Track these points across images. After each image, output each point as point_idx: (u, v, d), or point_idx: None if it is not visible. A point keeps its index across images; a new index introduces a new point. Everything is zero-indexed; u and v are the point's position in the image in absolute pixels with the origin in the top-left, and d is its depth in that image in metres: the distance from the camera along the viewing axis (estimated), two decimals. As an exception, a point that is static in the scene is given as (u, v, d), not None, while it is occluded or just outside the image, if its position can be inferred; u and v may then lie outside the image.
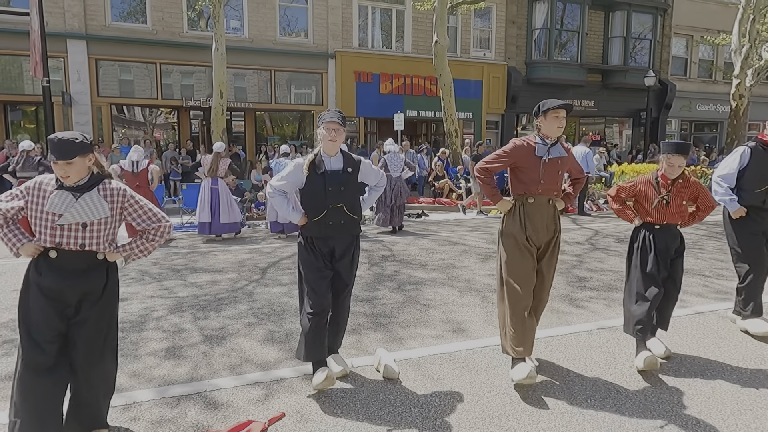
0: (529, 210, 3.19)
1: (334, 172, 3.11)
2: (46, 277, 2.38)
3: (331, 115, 3.13)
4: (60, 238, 2.36)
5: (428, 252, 7.27)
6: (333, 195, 3.08)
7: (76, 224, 2.37)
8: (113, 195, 2.46)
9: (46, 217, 2.35)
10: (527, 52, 19.54)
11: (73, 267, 2.40)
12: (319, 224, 3.08)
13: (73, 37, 14.32)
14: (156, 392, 3.04)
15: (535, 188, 3.17)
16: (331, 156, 3.15)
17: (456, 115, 14.98)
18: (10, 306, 4.72)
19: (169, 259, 6.77)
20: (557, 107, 3.17)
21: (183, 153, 15.00)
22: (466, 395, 3.00)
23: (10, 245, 2.42)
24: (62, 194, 2.36)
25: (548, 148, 3.20)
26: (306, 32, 17.02)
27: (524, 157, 3.20)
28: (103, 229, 2.43)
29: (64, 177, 2.37)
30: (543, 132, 3.23)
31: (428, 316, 4.46)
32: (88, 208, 2.38)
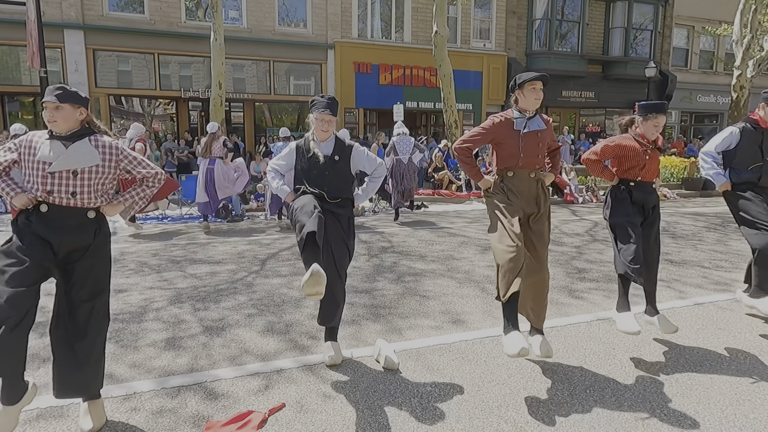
0: (510, 183, 3.18)
1: (323, 156, 3.21)
2: (38, 227, 2.39)
3: (324, 105, 3.18)
4: (51, 186, 2.38)
5: (427, 243, 7.27)
6: (317, 178, 3.19)
7: (66, 172, 2.39)
8: (105, 147, 2.51)
9: (38, 166, 2.39)
10: (527, 43, 19.44)
11: (63, 222, 2.42)
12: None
13: (70, 27, 14.21)
14: (156, 383, 3.04)
15: (515, 162, 3.15)
16: (322, 141, 3.25)
17: (456, 106, 14.90)
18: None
19: (168, 251, 6.77)
20: (533, 78, 3.16)
21: (182, 144, 14.95)
22: (465, 386, 3.00)
23: (4, 193, 2.46)
24: (53, 143, 2.41)
25: (526, 120, 3.18)
26: (305, 22, 16.90)
27: (503, 132, 3.18)
28: (94, 179, 2.46)
29: (51, 121, 2.40)
30: (521, 105, 3.22)
31: (427, 307, 4.46)
32: (78, 155, 2.41)
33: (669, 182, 14.45)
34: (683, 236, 7.90)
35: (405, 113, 14.87)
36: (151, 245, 7.12)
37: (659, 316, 3.59)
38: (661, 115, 3.51)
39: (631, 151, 3.54)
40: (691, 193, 14.21)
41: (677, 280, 5.33)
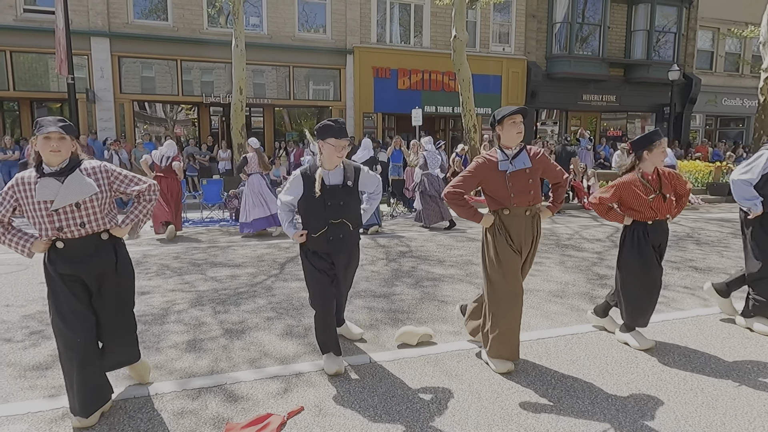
0: (506, 221, 3.14)
1: (333, 187, 3.09)
2: (60, 265, 2.49)
3: (342, 131, 3.07)
4: (59, 222, 2.43)
5: (446, 248, 7.24)
6: (333, 210, 3.08)
7: (69, 206, 2.43)
8: (96, 172, 2.56)
9: (40, 206, 2.42)
10: (547, 47, 19.28)
11: (82, 252, 2.50)
12: (320, 239, 3.11)
13: (96, 34, 14.58)
14: (177, 384, 3.08)
15: (507, 202, 3.11)
16: (331, 170, 3.12)
17: (475, 110, 14.84)
18: (37, 298, 4.83)
19: (190, 254, 6.87)
20: (512, 113, 3.07)
21: (203, 149, 15.18)
22: (484, 392, 2.98)
23: (19, 249, 2.50)
24: (47, 181, 2.43)
25: (510, 159, 3.11)
26: (324, 28, 17.04)
27: (489, 173, 3.12)
28: (98, 206, 2.52)
29: (54, 151, 2.42)
30: (502, 142, 3.15)
31: (446, 312, 4.44)
32: (75, 188, 2.45)
33: (693, 187, 14.15)
34: (708, 243, 7.73)
35: (423, 118, 14.87)
36: (172, 248, 7.24)
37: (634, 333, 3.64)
38: (664, 140, 3.42)
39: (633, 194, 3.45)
40: (717, 198, 13.90)
41: (702, 288, 5.21)
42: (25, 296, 4.91)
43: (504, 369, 3.20)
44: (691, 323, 4.16)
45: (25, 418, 2.69)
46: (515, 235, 3.13)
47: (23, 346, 3.68)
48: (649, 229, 3.48)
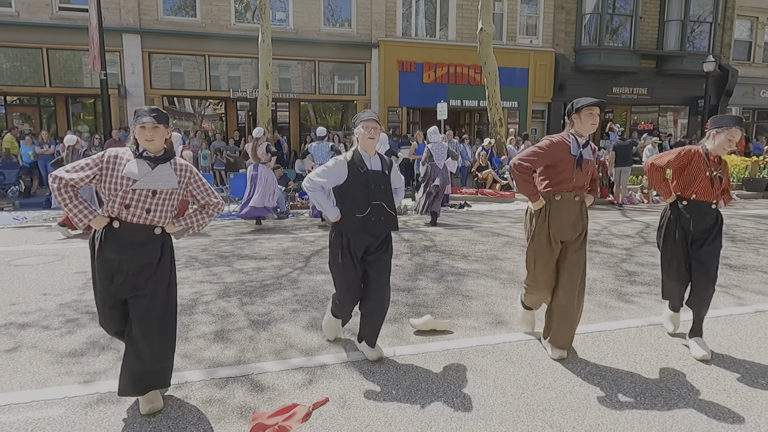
0: (556, 208, 3.19)
1: (375, 172, 3.27)
2: (107, 248, 2.56)
3: (369, 114, 3.29)
4: (130, 201, 2.52)
5: (470, 243, 7.19)
6: (375, 192, 3.23)
7: (146, 191, 2.55)
8: (182, 170, 2.69)
9: (120, 182, 2.51)
10: (576, 39, 18.88)
11: (132, 239, 2.57)
12: (364, 220, 3.21)
13: (128, 31, 14.91)
14: (205, 373, 3.15)
15: (566, 186, 3.16)
16: (371, 156, 3.31)
17: (501, 104, 14.68)
18: (72, 287, 5.00)
19: (217, 246, 6.99)
20: (592, 104, 3.13)
21: (230, 143, 15.40)
22: (509, 388, 2.96)
23: (80, 216, 2.52)
24: (139, 162, 2.56)
25: (580, 148, 3.19)
26: (350, 22, 17.05)
27: (560, 154, 3.16)
28: (168, 200, 2.63)
29: (149, 140, 2.54)
30: (576, 129, 3.22)
31: (470, 307, 4.41)
32: (161, 177, 2.58)
33: (728, 182, 13.68)
34: (744, 240, 7.48)
35: (448, 111, 14.75)
36: (200, 241, 7.38)
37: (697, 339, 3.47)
38: (735, 128, 3.29)
39: (695, 164, 3.37)
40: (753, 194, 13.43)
41: (737, 286, 5.05)
42: (61, 285, 5.08)
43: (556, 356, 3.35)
44: (724, 322, 4.04)
45: (62, 402, 2.79)
46: (562, 223, 3.20)
47: (59, 333, 3.81)
48: (690, 209, 3.39)
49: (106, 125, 12.78)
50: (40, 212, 10.67)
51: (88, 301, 4.56)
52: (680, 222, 3.44)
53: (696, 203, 3.39)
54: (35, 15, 14.32)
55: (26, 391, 2.91)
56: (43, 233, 8.11)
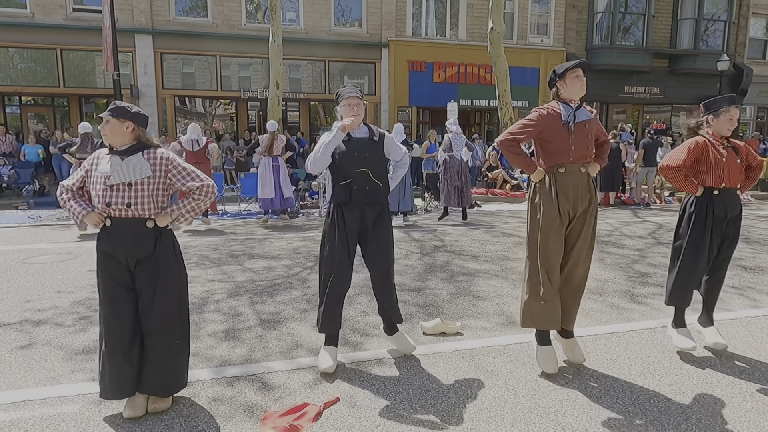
0: (561, 181, 3.00)
1: (359, 139, 3.21)
2: (106, 244, 2.61)
3: (350, 90, 3.23)
4: (109, 198, 2.55)
5: (481, 243, 7.16)
6: (358, 160, 3.17)
7: (123, 184, 2.56)
8: (156, 159, 2.65)
9: (99, 180, 2.59)
10: (588, 38, 18.74)
11: (123, 234, 2.59)
12: (346, 188, 3.16)
13: (140, 32, 15.05)
14: (215, 372, 3.16)
15: (566, 157, 2.98)
16: (355, 128, 3.22)
17: (511, 103, 14.59)
18: (86, 285, 5.05)
19: (228, 245, 7.03)
20: (574, 66, 3.01)
21: (241, 143, 15.47)
22: (520, 389, 2.93)
23: (75, 214, 2.65)
24: (112, 158, 2.60)
25: (573, 111, 3.02)
26: (360, 22, 17.07)
27: (551, 125, 2.99)
28: (147, 190, 2.60)
29: (104, 135, 2.61)
30: (564, 96, 3.06)
31: (480, 307, 4.39)
32: (131, 168, 2.57)
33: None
34: (758, 241, 7.37)
35: (459, 111, 14.71)
36: (211, 240, 7.42)
37: (711, 329, 3.43)
38: (733, 108, 3.28)
39: (710, 152, 3.29)
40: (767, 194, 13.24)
41: (751, 288, 4.98)
42: (74, 283, 5.13)
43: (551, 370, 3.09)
44: (739, 324, 3.98)
45: (76, 399, 2.82)
46: (569, 195, 2.99)
47: (73, 331, 3.85)
48: (715, 200, 3.30)
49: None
50: (53, 211, 10.80)
51: (100, 299, 4.60)
52: (713, 211, 3.30)
53: (725, 191, 3.31)
54: (50, 16, 14.50)
55: (41, 388, 2.94)
56: (57, 232, 8.21)
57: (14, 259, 6.19)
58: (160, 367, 2.65)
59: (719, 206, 3.31)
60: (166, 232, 2.70)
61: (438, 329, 3.77)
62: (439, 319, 3.83)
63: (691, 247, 3.34)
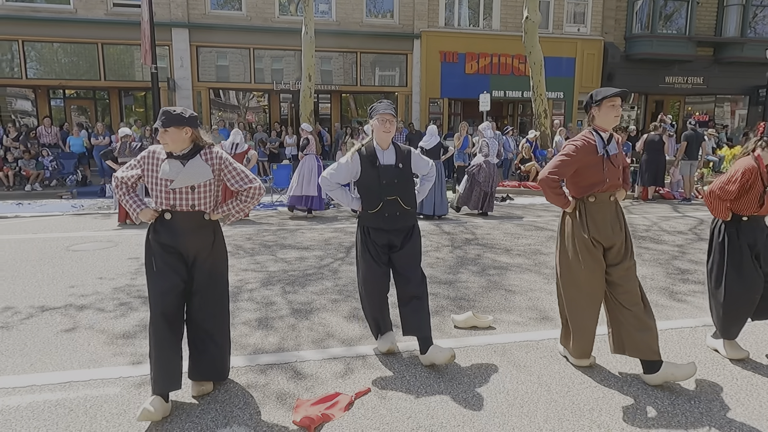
0: (591, 209, 2.94)
1: (387, 167, 3.17)
2: (163, 235, 2.68)
3: (385, 106, 3.20)
4: (174, 200, 2.65)
5: (513, 237, 7.06)
6: (387, 188, 3.15)
7: (186, 188, 2.64)
8: (214, 159, 2.73)
9: (160, 182, 2.65)
10: (627, 26, 18.12)
11: (185, 226, 2.68)
12: (376, 216, 3.16)
13: (177, 26, 15.35)
14: (248, 359, 3.23)
15: (600, 188, 2.92)
16: (384, 149, 3.21)
17: (546, 94, 14.29)
18: (125, 272, 5.22)
19: (261, 236, 7.14)
20: (613, 95, 2.88)
21: (272, 135, 15.65)
22: (554, 386, 2.88)
23: (131, 210, 2.76)
24: (171, 162, 2.65)
25: (605, 143, 2.95)
26: (392, 13, 16.96)
27: (588, 157, 2.92)
28: (209, 191, 2.71)
29: (163, 143, 2.66)
30: (597, 124, 2.96)
31: (512, 302, 4.33)
32: (194, 173, 2.65)
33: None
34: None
35: (491, 103, 14.49)
36: (244, 230, 7.56)
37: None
38: None
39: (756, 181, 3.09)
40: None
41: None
42: (115, 270, 5.31)
43: (585, 363, 3.09)
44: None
45: (117, 382, 2.92)
46: (601, 225, 2.94)
47: (114, 316, 3.99)
48: (744, 226, 3.15)
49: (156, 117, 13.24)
50: (95, 200, 11.20)
51: (139, 285, 4.75)
52: (744, 239, 3.16)
53: (755, 218, 3.17)
54: (91, 11, 14.95)
55: (84, 370, 3.06)
56: (99, 220, 8.50)
57: (59, 246, 6.44)
58: (218, 354, 2.76)
59: (748, 233, 3.15)
60: (218, 225, 2.82)
61: (469, 323, 3.74)
62: (470, 313, 3.80)
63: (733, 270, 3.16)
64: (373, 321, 3.30)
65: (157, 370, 2.56)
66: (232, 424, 2.51)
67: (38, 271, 5.28)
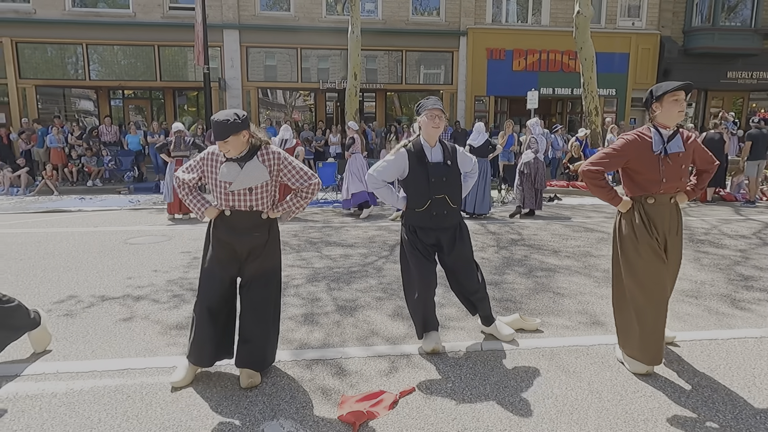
0: (650, 211, 2.80)
1: (436, 164, 3.16)
2: (221, 231, 2.82)
3: (433, 102, 3.18)
4: (233, 201, 2.77)
5: (561, 238, 6.87)
6: (436, 186, 3.14)
7: (244, 189, 2.74)
8: (271, 159, 2.79)
9: (220, 184, 2.76)
10: (686, 19, 17.28)
11: (242, 225, 2.80)
12: (423, 214, 3.18)
13: (228, 27, 15.82)
14: (294, 354, 3.28)
15: (656, 188, 2.77)
16: (432, 146, 3.20)
17: (597, 91, 13.82)
18: (179, 266, 5.42)
19: (306, 233, 7.25)
20: (675, 89, 2.71)
21: (318, 134, 15.88)
22: (605, 393, 2.78)
23: (196, 209, 2.90)
24: (230, 165, 2.75)
25: (666, 140, 2.77)
26: (438, 10, 16.85)
27: (639, 154, 2.78)
28: (266, 191, 2.80)
29: (225, 152, 2.74)
30: (659, 121, 2.81)
31: (561, 305, 4.21)
32: (251, 175, 2.73)
33: None
34: None
35: (539, 100, 14.15)
36: (291, 226, 7.69)
37: None
38: None
39: None
40: None
41: None
42: (169, 263, 5.53)
43: (642, 370, 2.96)
44: None
45: (170, 371, 3.03)
46: (657, 226, 2.82)
47: (168, 307, 4.15)
48: None
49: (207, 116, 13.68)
50: (150, 196, 11.70)
51: (191, 279, 4.92)
52: None
53: None
54: (149, 15, 15.62)
55: (141, 358, 3.19)
56: (153, 215, 8.88)
57: (117, 240, 6.77)
58: (260, 347, 2.86)
59: None
60: (274, 221, 2.92)
61: (516, 325, 3.66)
62: (517, 315, 3.72)
63: None
64: (422, 319, 3.27)
65: (191, 347, 2.85)
66: (279, 417, 2.55)
67: (99, 263, 5.56)
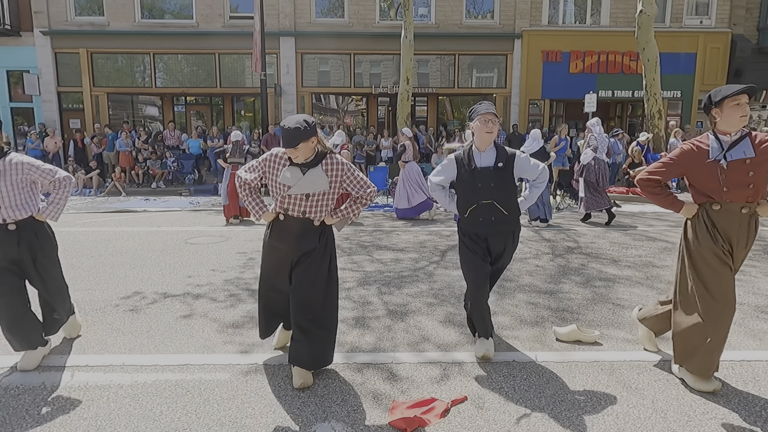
0: (715, 217, 2.67)
1: (483, 169, 3.13)
2: (274, 237, 2.92)
3: (486, 107, 3.15)
4: (287, 205, 2.83)
5: (621, 246, 6.57)
6: (482, 191, 3.11)
7: (301, 195, 2.79)
8: (334, 168, 2.84)
9: (279, 186, 2.82)
10: (761, 16, 16.19)
11: (293, 230, 2.87)
12: (470, 219, 3.18)
13: (284, 34, 16.26)
14: (345, 357, 3.30)
15: (718, 196, 2.63)
16: (482, 151, 3.16)
17: (661, 93, 13.18)
18: (235, 266, 5.60)
19: (358, 236, 7.31)
20: (736, 93, 2.54)
21: (370, 138, 16.01)
22: (671, 413, 2.62)
23: (254, 211, 2.99)
24: (292, 169, 2.80)
25: (726, 147, 2.60)
26: (492, 13, 16.62)
27: (695, 163, 2.66)
28: (323, 200, 2.84)
29: (294, 158, 2.79)
30: (720, 128, 2.65)
31: (622, 317, 4.02)
32: (312, 181, 2.78)
33: None
34: None
35: (597, 103, 13.65)
36: (343, 230, 7.78)
37: None
38: None
39: None
40: None
41: None
42: (226, 263, 5.72)
43: (709, 388, 2.78)
44: None
45: (227, 368, 3.13)
46: (725, 234, 2.67)
47: (224, 306, 4.29)
48: None
49: (264, 121, 14.12)
50: (209, 198, 12.19)
51: (247, 279, 5.07)
52: None
53: None
54: (211, 24, 16.30)
55: (199, 355, 3.31)
56: (212, 216, 9.23)
57: (178, 239, 7.08)
58: (309, 347, 2.89)
59: None
60: (328, 228, 2.97)
61: (573, 336, 3.53)
62: (574, 326, 3.58)
63: None
64: (483, 321, 3.26)
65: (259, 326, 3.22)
66: (330, 419, 2.57)
67: (161, 261, 5.83)
